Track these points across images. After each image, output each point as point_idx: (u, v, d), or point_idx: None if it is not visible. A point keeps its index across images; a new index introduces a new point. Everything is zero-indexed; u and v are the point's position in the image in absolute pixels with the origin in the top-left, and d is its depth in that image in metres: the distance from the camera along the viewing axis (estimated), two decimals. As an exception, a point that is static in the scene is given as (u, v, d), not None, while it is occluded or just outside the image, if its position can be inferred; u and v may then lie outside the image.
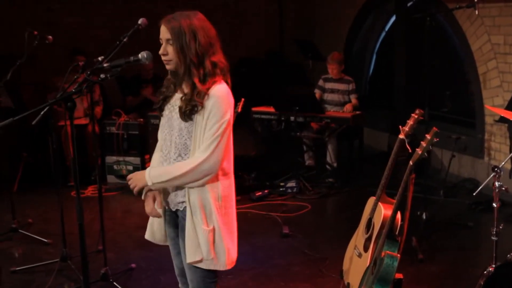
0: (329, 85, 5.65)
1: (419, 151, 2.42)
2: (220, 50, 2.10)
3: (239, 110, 4.67)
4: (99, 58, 2.39)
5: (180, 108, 2.08)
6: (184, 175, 2.03)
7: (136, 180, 2.13)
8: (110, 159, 5.48)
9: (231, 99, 2.08)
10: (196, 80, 2.03)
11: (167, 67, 2.11)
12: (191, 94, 2.04)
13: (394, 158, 2.59)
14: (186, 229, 2.10)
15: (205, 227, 2.07)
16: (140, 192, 2.17)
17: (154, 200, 2.18)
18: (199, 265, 2.11)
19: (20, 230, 4.15)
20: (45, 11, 6.48)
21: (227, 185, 2.12)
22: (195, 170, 2.02)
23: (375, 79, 7.28)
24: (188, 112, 2.05)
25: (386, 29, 7.03)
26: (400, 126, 2.57)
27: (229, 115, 2.05)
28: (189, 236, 2.09)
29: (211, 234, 2.07)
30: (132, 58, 2.12)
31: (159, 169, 2.13)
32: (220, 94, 2.04)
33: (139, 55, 2.12)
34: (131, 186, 2.15)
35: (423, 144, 2.41)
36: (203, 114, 2.04)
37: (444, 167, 5.27)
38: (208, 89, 2.03)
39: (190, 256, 2.10)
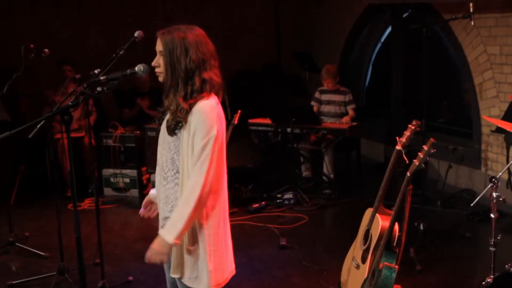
0: (325, 97, 5.67)
1: (416, 162, 2.43)
2: (215, 67, 2.08)
3: (236, 122, 4.68)
4: (96, 71, 2.40)
5: (166, 122, 2.08)
6: (196, 209, 1.97)
7: (158, 250, 1.99)
8: (107, 171, 5.48)
9: (218, 114, 2.03)
10: (180, 98, 2.02)
11: (159, 79, 2.11)
12: (176, 109, 2.03)
13: (391, 169, 2.60)
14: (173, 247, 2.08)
15: (189, 247, 2.05)
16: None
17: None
18: (183, 281, 2.11)
19: (17, 244, 4.13)
20: (42, 23, 6.51)
21: (215, 204, 2.07)
22: (203, 197, 1.98)
23: (372, 90, 7.31)
24: (173, 127, 2.04)
25: (382, 40, 7.08)
26: (397, 137, 2.58)
27: (215, 131, 1.99)
28: (174, 252, 2.08)
29: (194, 254, 2.05)
30: (128, 71, 2.14)
31: (168, 224, 2.02)
32: (204, 109, 2.00)
33: (136, 68, 2.13)
34: (158, 262, 2.01)
35: (420, 155, 2.42)
36: (188, 129, 2.02)
37: (442, 177, 5.28)
38: (191, 104, 2.01)
39: (174, 271, 2.10)
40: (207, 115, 2.00)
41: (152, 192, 2.30)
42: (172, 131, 2.05)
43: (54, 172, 3.70)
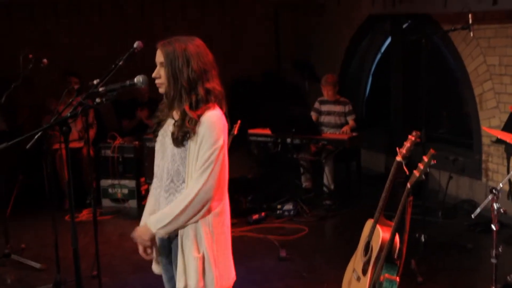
0: (325, 108, 5.68)
1: (416, 173, 2.43)
2: (216, 77, 2.11)
3: (235, 132, 4.69)
4: (94, 82, 2.40)
5: (172, 134, 2.08)
6: (184, 211, 2.02)
7: (140, 234, 2.13)
8: (105, 182, 5.46)
9: (224, 125, 2.08)
10: (186, 107, 2.04)
11: (160, 90, 2.13)
12: (182, 120, 2.05)
13: (391, 180, 2.60)
14: (178, 255, 2.10)
15: (196, 255, 2.06)
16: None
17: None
18: None
19: (13, 256, 4.10)
20: (41, 32, 6.53)
21: (218, 212, 2.10)
22: (194, 202, 2.02)
23: (372, 100, 7.32)
24: (180, 138, 2.05)
25: (382, 50, 7.11)
26: (398, 148, 2.58)
27: (221, 141, 2.04)
28: (179, 262, 2.09)
29: (200, 261, 2.06)
30: (127, 82, 2.13)
31: (157, 214, 2.11)
32: (212, 120, 2.04)
33: (135, 79, 2.13)
34: (140, 245, 2.17)
35: (421, 166, 2.42)
36: (195, 140, 2.04)
37: (442, 188, 5.27)
38: (199, 115, 2.04)
39: (180, 282, 2.09)
40: (215, 125, 2.04)
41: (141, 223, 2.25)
42: (180, 142, 2.06)
43: (52, 182, 3.69)
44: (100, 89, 2.13)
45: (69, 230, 2.07)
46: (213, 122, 2.04)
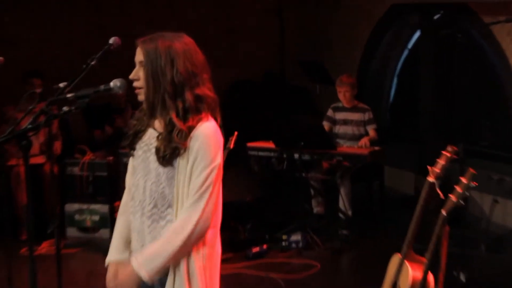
0: (340, 115, 5.69)
1: (453, 198, 2.42)
2: (208, 81, 2.12)
3: (231, 146, 4.69)
4: (61, 85, 2.40)
5: (157, 150, 2.08)
6: (182, 248, 2.00)
7: (124, 283, 2.08)
8: (71, 207, 5.44)
9: (220, 139, 2.09)
10: (173, 115, 2.03)
11: (139, 97, 2.12)
12: (169, 133, 2.04)
13: (422, 205, 2.60)
14: None
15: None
16: None
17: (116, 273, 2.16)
18: None
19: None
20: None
21: (213, 242, 2.10)
22: (193, 236, 2.00)
23: (397, 106, 7.35)
24: (168, 156, 2.04)
25: (410, 46, 7.15)
26: (429, 167, 2.58)
27: (219, 159, 2.05)
28: None
29: None
30: (102, 86, 2.13)
31: (146, 253, 2.06)
32: (207, 133, 2.04)
33: (111, 84, 2.13)
34: None
35: (458, 189, 2.42)
36: (187, 157, 2.03)
37: (485, 215, 5.26)
38: (191, 127, 2.03)
39: None
40: (211, 140, 2.04)
41: (114, 257, 2.25)
42: (167, 161, 2.05)
43: (6, 207, 3.68)
44: (69, 95, 2.13)
45: (26, 266, 2.06)
46: (209, 137, 2.04)
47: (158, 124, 2.13)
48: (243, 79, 7.67)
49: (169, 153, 2.04)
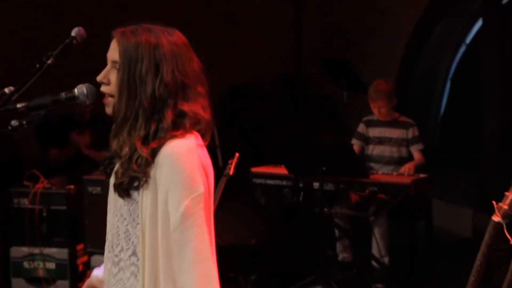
0: (375, 132, 5.70)
1: (527, 242, 2.40)
2: (203, 97, 2.08)
3: (231, 172, 4.69)
4: (6, 90, 2.40)
5: (115, 175, 2.08)
6: None
7: None
8: (18, 251, 5.43)
9: (199, 159, 2.02)
10: (138, 138, 2.01)
11: (107, 109, 2.10)
12: (129, 158, 2.02)
13: (485, 252, 2.58)
14: None
15: None
16: None
17: None
18: None
19: None
20: None
21: None
22: None
23: (450, 120, 7.35)
24: (125, 185, 2.02)
25: (467, 41, 7.16)
26: (494, 202, 2.56)
27: (202, 186, 1.99)
28: None
29: None
30: (64, 94, 2.12)
31: None
32: (177, 154, 1.98)
33: (75, 91, 2.12)
34: None
35: (533, 230, 2.40)
36: (153, 190, 2.00)
37: None
38: (155, 150, 1.99)
39: None
40: (184, 163, 1.98)
41: (97, 273, 2.29)
42: (124, 191, 2.04)
43: None
44: (18, 105, 2.11)
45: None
46: (179, 158, 1.97)
47: (123, 144, 2.08)
48: (246, 84, 7.70)
49: (126, 182, 2.02)
